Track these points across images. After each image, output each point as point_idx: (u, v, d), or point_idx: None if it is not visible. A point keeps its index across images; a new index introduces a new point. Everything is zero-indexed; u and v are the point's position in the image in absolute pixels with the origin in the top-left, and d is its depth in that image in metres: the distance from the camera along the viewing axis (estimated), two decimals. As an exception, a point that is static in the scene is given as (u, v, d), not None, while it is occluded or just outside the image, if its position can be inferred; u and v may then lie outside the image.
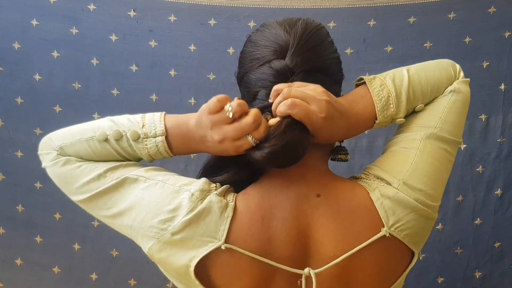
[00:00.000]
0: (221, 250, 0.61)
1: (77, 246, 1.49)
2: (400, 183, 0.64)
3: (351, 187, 0.66)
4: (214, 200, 0.62)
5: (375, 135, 1.40)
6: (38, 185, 1.48)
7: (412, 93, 0.68)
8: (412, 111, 0.70)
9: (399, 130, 0.71)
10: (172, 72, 1.46)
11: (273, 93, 0.62)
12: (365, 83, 0.69)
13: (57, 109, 1.48)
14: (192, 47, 1.45)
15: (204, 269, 0.62)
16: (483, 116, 1.41)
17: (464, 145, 1.42)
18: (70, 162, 0.66)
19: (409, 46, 1.41)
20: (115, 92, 1.47)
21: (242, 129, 0.59)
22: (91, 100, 1.47)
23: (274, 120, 0.60)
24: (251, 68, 0.67)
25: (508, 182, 1.42)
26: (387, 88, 0.67)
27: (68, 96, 1.47)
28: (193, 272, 0.61)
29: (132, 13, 1.45)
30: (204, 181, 0.65)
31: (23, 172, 1.48)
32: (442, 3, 1.40)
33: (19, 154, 1.48)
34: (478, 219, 1.43)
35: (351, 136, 0.68)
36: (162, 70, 1.46)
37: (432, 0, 1.40)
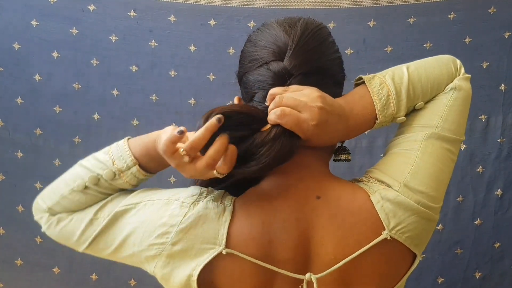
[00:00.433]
0: (222, 256, 0.60)
1: (77, 247, 1.49)
2: (401, 186, 0.64)
3: (351, 189, 0.65)
4: (210, 206, 0.62)
5: (375, 135, 1.40)
6: (38, 185, 1.48)
7: (412, 91, 0.67)
8: (413, 109, 0.69)
9: (400, 131, 0.70)
10: (172, 73, 1.46)
11: (269, 97, 0.61)
12: (364, 82, 0.68)
13: (57, 109, 1.47)
14: (192, 48, 1.45)
15: (207, 277, 0.62)
16: (483, 117, 1.41)
17: (464, 146, 1.42)
18: (62, 219, 0.68)
19: (409, 47, 1.41)
20: (115, 92, 1.47)
21: (200, 171, 0.58)
22: (91, 100, 1.47)
23: (265, 128, 0.60)
24: (250, 69, 0.67)
25: (508, 183, 1.42)
26: (386, 86, 0.66)
27: (68, 97, 1.47)
28: (196, 281, 0.60)
29: (132, 13, 1.45)
30: (193, 188, 0.65)
31: (23, 172, 1.48)
32: (442, 3, 1.40)
33: (19, 154, 1.48)
34: (478, 219, 1.43)
35: (352, 137, 0.67)
36: (162, 70, 1.46)
37: (432, 1, 1.40)
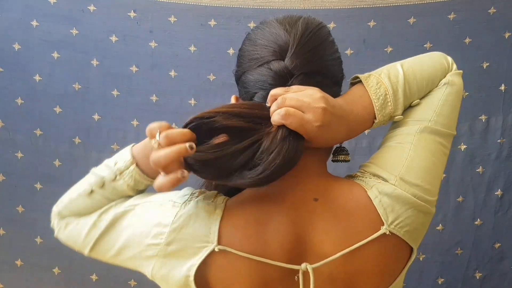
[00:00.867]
0: (215, 253, 0.60)
1: (77, 247, 1.49)
2: (397, 179, 0.63)
3: (348, 187, 0.65)
4: (201, 204, 0.62)
5: (375, 135, 1.40)
6: (38, 186, 1.48)
7: (409, 89, 0.67)
8: (408, 106, 0.69)
9: (395, 124, 0.70)
10: (172, 73, 1.46)
11: (270, 98, 0.60)
12: (360, 81, 0.68)
13: (57, 110, 1.48)
14: (192, 48, 1.45)
15: (203, 277, 0.61)
16: (483, 117, 1.41)
17: (465, 146, 1.42)
18: (70, 223, 0.69)
19: (409, 47, 1.41)
20: (115, 93, 1.47)
21: (167, 157, 0.55)
22: (91, 101, 1.47)
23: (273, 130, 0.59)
24: (249, 68, 0.66)
25: (509, 183, 1.42)
26: (383, 85, 0.66)
27: (68, 97, 1.47)
28: (193, 281, 0.60)
29: (132, 14, 1.45)
30: (186, 189, 0.65)
31: (23, 173, 1.48)
32: (442, 4, 1.40)
33: (19, 155, 1.48)
34: (478, 219, 1.43)
35: (351, 137, 0.67)
36: (162, 71, 1.46)
37: (432, 1, 1.40)
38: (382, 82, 0.66)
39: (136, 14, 1.45)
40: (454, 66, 0.72)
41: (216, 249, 0.60)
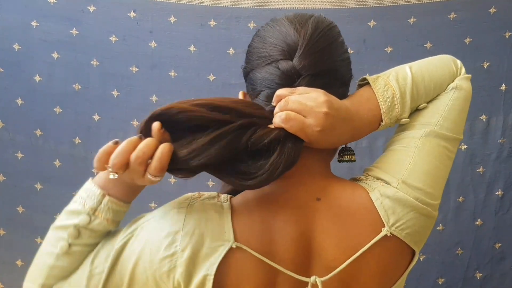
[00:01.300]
0: (233, 250, 0.60)
1: (77, 247, 1.49)
2: (399, 182, 0.63)
3: (351, 189, 0.65)
4: (207, 204, 0.62)
5: (375, 136, 1.40)
6: (39, 186, 1.48)
7: (416, 91, 0.67)
8: (415, 109, 0.69)
9: (401, 128, 0.70)
10: (172, 73, 1.46)
11: (276, 98, 0.60)
12: (368, 83, 0.68)
13: (57, 110, 1.47)
14: (192, 48, 1.45)
15: (221, 275, 0.60)
16: (483, 117, 1.41)
17: (465, 146, 1.42)
18: None
19: (409, 47, 1.41)
20: (115, 93, 1.47)
21: (134, 176, 0.57)
22: (91, 101, 1.47)
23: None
24: (257, 66, 0.65)
25: (509, 183, 1.41)
26: (391, 88, 0.66)
27: (68, 97, 1.47)
28: (212, 281, 0.59)
29: (132, 14, 1.45)
30: (184, 195, 0.64)
31: (24, 173, 1.48)
32: (442, 4, 1.40)
33: (20, 155, 1.48)
34: (479, 220, 1.43)
35: (357, 139, 0.67)
36: (162, 71, 1.46)
37: (432, 1, 1.40)
38: (390, 84, 0.66)
39: (136, 14, 1.45)
40: (463, 70, 0.72)
41: (234, 246, 0.59)
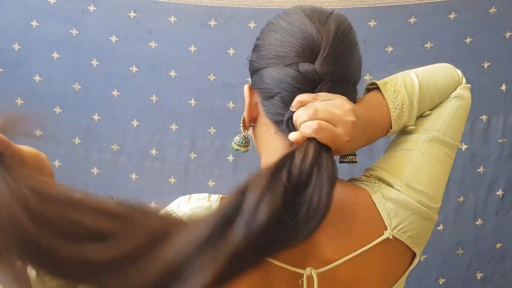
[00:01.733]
0: None
1: (77, 248, 1.49)
2: (403, 185, 0.64)
3: (353, 191, 0.65)
4: (196, 205, 0.61)
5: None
6: (38, 186, 1.48)
7: (423, 99, 0.68)
8: (419, 116, 0.70)
9: (403, 132, 0.70)
10: (172, 73, 1.46)
11: (297, 104, 0.58)
12: (377, 88, 0.68)
13: (57, 110, 1.47)
14: (192, 48, 1.45)
15: None
16: (484, 117, 1.41)
17: (466, 146, 1.42)
18: None
19: (409, 47, 1.41)
20: (115, 93, 1.47)
21: None
22: (91, 101, 1.47)
23: (294, 136, 0.58)
24: (273, 64, 0.62)
25: (510, 183, 1.41)
26: (401, 95, 0.66)
27: (68, 97, 1.47)
28: None
29: (132, 14, 1.45)
30: (177, 199, 0.64)
31: (23, 173, 1.48)
32: (442, 4, 1.40)
33: (19, 155, 1.48)
34: (480, 220, 1.43)
35: (367, 145, 0.66)
36: (162, 71, 1.46)
37: (432, 1, 1.40)
38: (399, 91, 0.66)
39: (136, 14, 1.45)
40: (464, 79, 0.73)
41: None
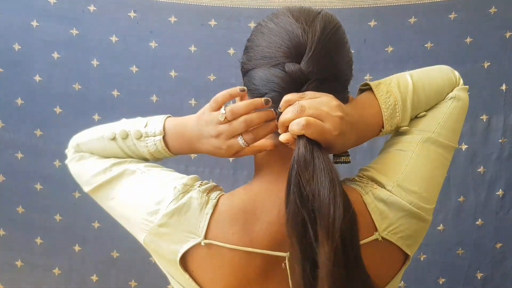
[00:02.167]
0: (200, 247, 0.62)
1: (77, 248, 1.49)
2: (394, 186, 0.63)
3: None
4: (195, 196, 0.63)
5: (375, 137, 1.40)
6: (39, 186, 1.48)
7: (417, 100, 0.67)
8: (414, 117, 0.69)
9: (398, 132, 0.70)
10: (173, 73, 1.46)
11: (284, 104, 0.59)
12: (370, 88, 0.68)
13: (57, 110, 1.47)
14: (193, 48, 1.45)
15: (186, 263, 0.63)
16: (484, 117, 1.41)
17: (466, 146, 1.42)
18: (84, 157, 0.72)
19: (409, 47, 1.41)
20: (115, 93, 1.47)
21: (234, 129, 0.61)
22: (91, 101, 1.47)
23: (284, 137, 0.58)
24: (261, 65, 0.63)
25: (510, 183, 1.41)
26: (393, 95, 0.66)
27: (68, 98, 1.47)
28: (179, 264, 0.63)
29: (132, 14, 1.45)
30: (192, 177, 0.66)
31: (24, 173, 1.48)
32: (443, 4, 1.40)
33: (19, 155, 1.48)
34: (480, 220, 1.43)
35: (359, 144, 0.66)
36: (162, 71, 1.46)
37: (433, 1, 1.40)
38: (392, 91, 0.66)
39: (136, 14, 1.45)
40: (461, 81, 0.72)
41: (203, 243, 0.62)
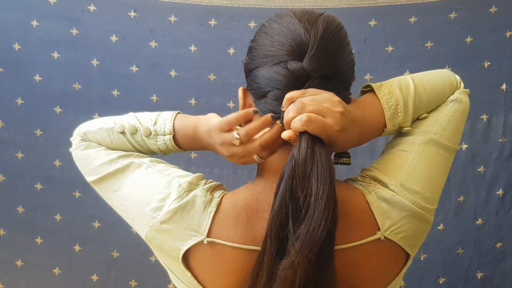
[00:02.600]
0: (203, 245, 0.62)
1: (77, 247, 1.49)
2: (397, 185, 0.64)
3: (347, 191, 0.65)
4: (199, 194, 0.63)
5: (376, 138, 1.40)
6: (39, 186, 1.48)
7: (418, 101, 0.68)
8: (416, 119, 0.70)
9: (400, 133, 0.71)
10: (173, 73, 1.46)
11: (286, 102, 0.59)
12: (372, 90, 0.68)
13: (57, 110, 1.47)
14: (193, 48, 1.45)
15: (189, 261, 0.64)
16: (484, 116, 1.41)
17: (466, 146, 1.42)
18: (90, 146, 0.72)
19: (410, 46, 1.41)
20: (115, 93, 1.47)
21: (249, 152, 0.61)
22: (91, 101, 1.47)
23: (287, 134, 0.59)
24: (264, 64, 0.64)
25: (510, 183, 1.41)
26: (395, 96, 0.67)
27: (69, 97, 1.47)
28: (181, 261, 0.63)
29: (132, 13, 1.45)
30: (197, 175, 0.67)
31: (24, 173, 1.48)
32: (443, 3, 1.40)
33: (20, 155, 1.48)
34: (480, 219, 1.43)
35: (361, 144, 0.67)
36: (162, 70, 1.46)
37: (433, 0, 1.40)
38: (393, 92, 0.67)
39: (136, 14, 1.45)
40: (462, 84, 0.73)
41: (205, 242, 0.62)
